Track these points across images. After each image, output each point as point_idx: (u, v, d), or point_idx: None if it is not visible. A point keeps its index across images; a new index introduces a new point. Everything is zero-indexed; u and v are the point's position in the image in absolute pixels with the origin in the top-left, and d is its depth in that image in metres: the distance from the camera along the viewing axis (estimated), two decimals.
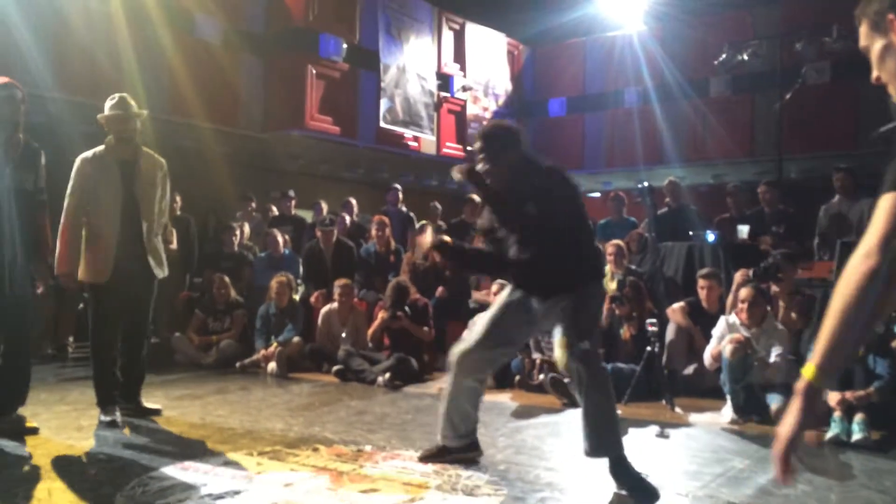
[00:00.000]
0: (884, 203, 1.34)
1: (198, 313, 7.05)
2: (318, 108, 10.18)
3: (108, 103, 4.42)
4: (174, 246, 5.74)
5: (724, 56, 9.20)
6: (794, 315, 5.46)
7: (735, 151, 11.01)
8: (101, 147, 4.39)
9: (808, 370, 1.39)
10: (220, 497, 3.06)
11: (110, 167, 4.33)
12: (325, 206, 8.99)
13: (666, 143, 11.88)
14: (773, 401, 4.52)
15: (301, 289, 7.50)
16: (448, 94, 11.86)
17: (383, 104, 11.05)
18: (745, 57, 8.98)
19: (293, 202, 8.99)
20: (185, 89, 8.27)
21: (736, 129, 11.03)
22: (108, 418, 4.25)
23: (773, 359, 4.65)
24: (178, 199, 7.26)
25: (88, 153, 4.37)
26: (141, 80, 7.47)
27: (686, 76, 11.58)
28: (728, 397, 4.65)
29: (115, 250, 4.28)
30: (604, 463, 3.50)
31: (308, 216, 9.23)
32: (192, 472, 3.38)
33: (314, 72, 9.95)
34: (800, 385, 1.40)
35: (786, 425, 1.39)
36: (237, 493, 3.11)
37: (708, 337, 5.16)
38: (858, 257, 1.35)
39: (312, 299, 7.19)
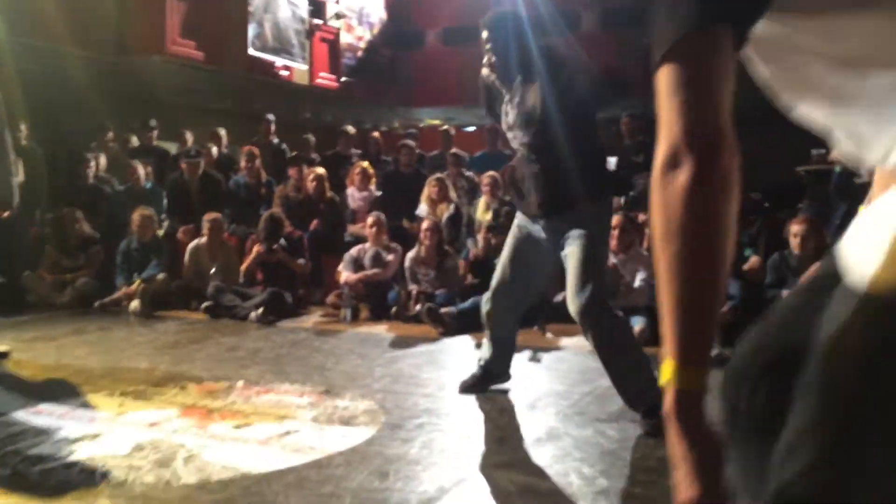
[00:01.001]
0: (663, 78, 0.86)
1: (49, 250, 6.55)
2: (180, 31, 9.53)
3: None
4: (20, 178, 5.23)
5: None
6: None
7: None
8: None
9: (667, 373, 0.87)
10: (77, 440, 2.88)
11: None
12: (190, 138, 8.51)
13: None
14: (637, 323, 4.70)
15: (165, 223, 7.11)
16: (321, 22, 11.41)
17: (251, 29, 10.50)
18: None
19: (155, 133, 8.45)
20: (25, 5, 7.50)
21: (604, 64, 11.25)
22: None
23: (637, 283, 4.84)
24: (23, 127, 6.66)
25: None
26: None
27: (559, 9, 11.65)
28: None
29: None
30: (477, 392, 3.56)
31: (172, 149, 8.72)
32: (46, 415, 3.17)
33: None
34: (668, 405, 0.87)
35: (684, 482, 0.85)
36: (96, 435, 2.94)
37: None
38: (661, 175, 0.86)
39: (179, 234, 6.83)
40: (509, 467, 2.60)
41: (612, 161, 7.04)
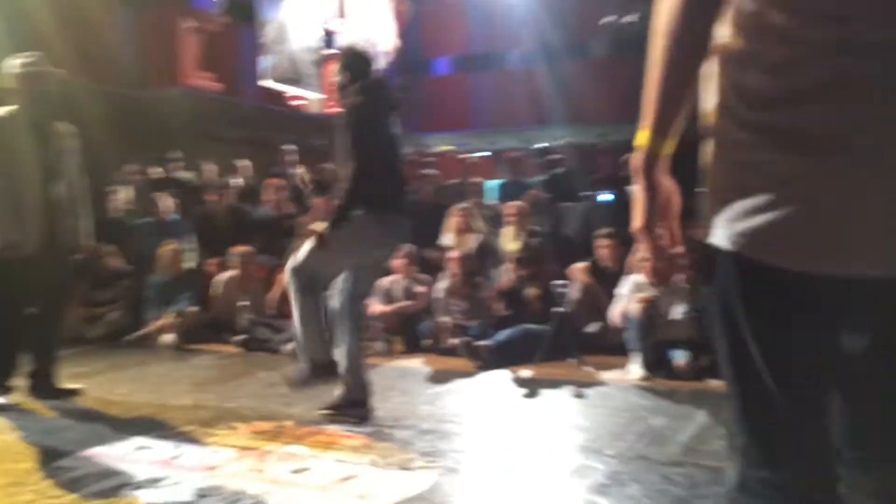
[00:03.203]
0: None
1: (80, 284, 6.55)
2: (196, 64, 9.63)
3: (22, 60, 4.04)
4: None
5: (612, 17, 9.39)
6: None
7: (617, 113, 11.33)
8: (14, 108, 3.99)
9: (640, 138, 1.19)
10: (139, 486, 2.87)
11: (27, 131, 3.97)
12: (211, 168, 8.55)
13: (550, 103, 12.07)
14: (678, 356, 4.72)
15: (193, 255, 7.12)
16: (332, 51, 11.50)
17: (265, 60, 10.61)
18: (633, 18, 9.20)
19: (178, 164, 8.49)
20: (52, 43, 7.57)
21: (617, 91, 11.33)
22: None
23: (678, 316, 4.85)
24: None
25: (1, 112, 3.95)
26: (5, 30, 6.79)
27: (569, 37, 11.77)
28: (636, 355, 4.81)
29: (35, 222, 3.94)
30: (527, 427, 3.56)
31: (192, 178, 8.75)
32: (105, 458, 3.16)
33: (189, 25, 9.39)
34: (636, 161, 1.20)
35: (636, 213, 1.21)
36: (157, 480, 2.93)
37: (610, 296, 5.32)
38: None
39: (209, 267, 6.84)
40: None
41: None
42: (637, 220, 1.21)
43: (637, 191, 1.21)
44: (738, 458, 1.20)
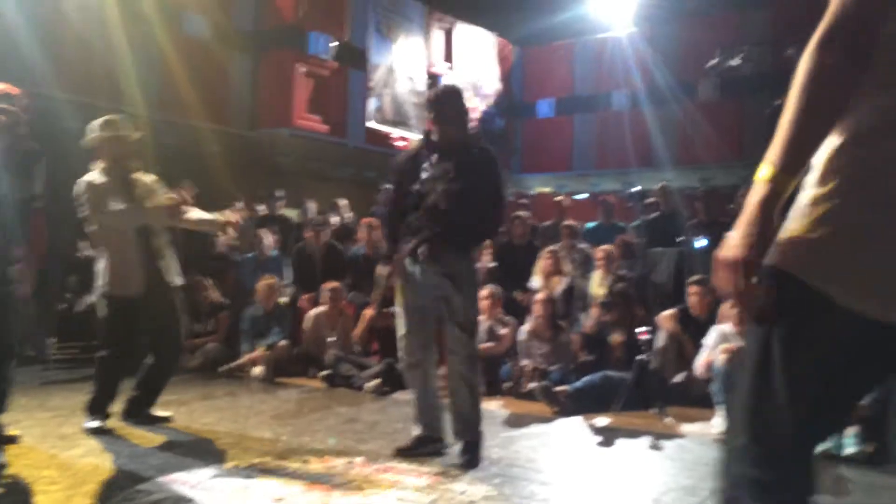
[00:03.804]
0: None
1: (182, 316, 6.92)
2: (306, 106, 10.08)
3: (98, 123, 4.37)
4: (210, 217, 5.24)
5: (715, 60, 9.21)
6: None
7: (725, 155, 11.03)
8: (97, 173, 4.32)
9: (767, 173, 1.23)
10: None
11: (114, 190, 4.29)
12: (312, 206, 8.90)
13: (655, 145, 11.89)
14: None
15: (289, 291, 7.40)
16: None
17: (372, 103, 10.98)
18: (737, 62, 8.99)
19: (281, 202, 8.89)
20: (174, 87, 8.16)
21: (724, 133, 11.05)
22: (94, 424, 4.18)
23: None
24: None
25: (93, 178, 4.29)
26: (133, 77, 7.37)
27: (676, 79, 11.60)
28: (720, 407, 4.62)
29: (137, 269, 4.28)
30: (598, 477, 3.48)
31: (295, 216, 9.13)
32: (181, 484, 3.31)
33: (303, 70, 9.87)
34: (758, 195, 1.23)
35: (739, 244, 1.23)
36: None
37: (698, 345, 5.14)
38: (817, 43, 1.22)
39: (301, 302, 7.10)
40: None
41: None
42: (737, 251, 1.23)
43: (747, 223, 1.23)
44: (735, 457, 1.38)
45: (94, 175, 4.32)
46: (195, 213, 4.53)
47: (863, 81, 1.21)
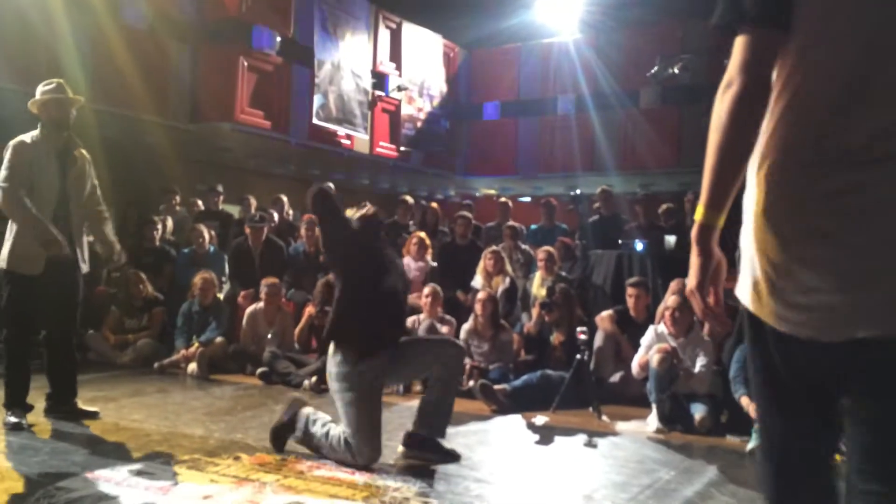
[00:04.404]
0: (738, 41, 1.39)
1: (114, 310, 6.73)
2: (249, 101, 9.90)
3: (43, 88, 4.22)
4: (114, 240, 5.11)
5: (655, 68, 9.37)
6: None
7: (665, 161, 11.22)
8: (37, 133, 4.17)
9: (698, 213, 1.44)
10: None
11: (48, 156, 4.14)
12: (253, 202, 8.75)
13: (599, 150, 12.04)
14: (697, 410, 4.59)
15: (226, 287, 7.25)
16: (383, 93, 11.73)
17: (317, 100, 10.83)
18: (676, 70, 9.16)
19: (221, 197, 8.71)
20: (114, 77, 7.91)
21: (665, 140, 11.25)
22: (14, 420, 4.01)
23: (697, 369, 4.72)
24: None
25: (26, 138, 4.14)
26: (74, 66, 7.13)
27: (620, 85, 11.76)
28: (654, 406, 4.69)
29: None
30: (532, 475, 3.48)
31: (236, 212, 8.96)
32: (103, 482, 3.20)
33: (246, 64, 9.67)
34: (694, 232, 1.44)
35: (691, 276, 1.45)
36: None
37: (635, 345, 5.21)
38: (721, 90, 1.38)
39: (239, 298, 6.95)
40: None
41: (671, 240, 6.97)
42: (691, 282, 1.45)
43: (693, 257, 1.44)
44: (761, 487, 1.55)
45: (29, 135, 4.15)
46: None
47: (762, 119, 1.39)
